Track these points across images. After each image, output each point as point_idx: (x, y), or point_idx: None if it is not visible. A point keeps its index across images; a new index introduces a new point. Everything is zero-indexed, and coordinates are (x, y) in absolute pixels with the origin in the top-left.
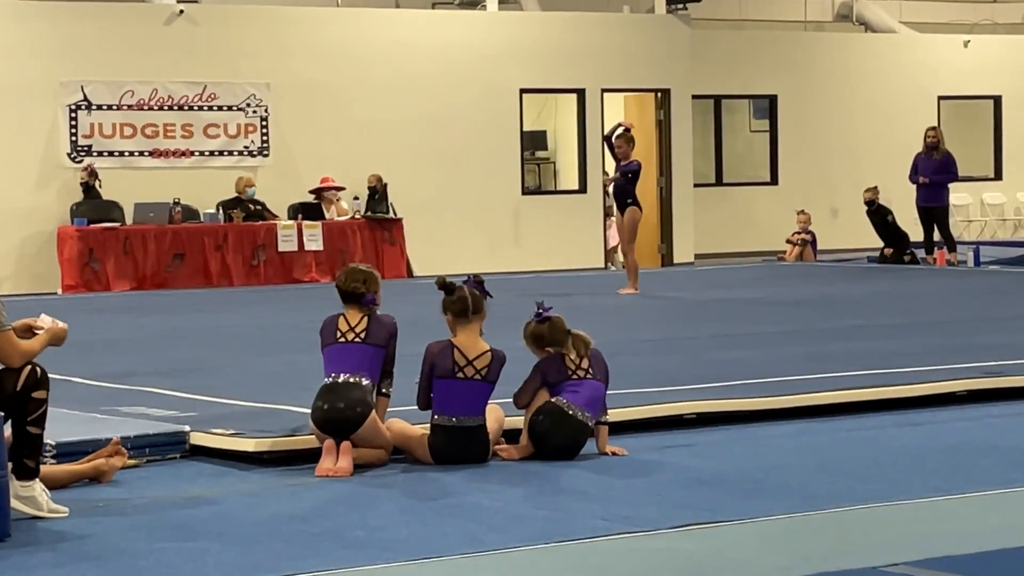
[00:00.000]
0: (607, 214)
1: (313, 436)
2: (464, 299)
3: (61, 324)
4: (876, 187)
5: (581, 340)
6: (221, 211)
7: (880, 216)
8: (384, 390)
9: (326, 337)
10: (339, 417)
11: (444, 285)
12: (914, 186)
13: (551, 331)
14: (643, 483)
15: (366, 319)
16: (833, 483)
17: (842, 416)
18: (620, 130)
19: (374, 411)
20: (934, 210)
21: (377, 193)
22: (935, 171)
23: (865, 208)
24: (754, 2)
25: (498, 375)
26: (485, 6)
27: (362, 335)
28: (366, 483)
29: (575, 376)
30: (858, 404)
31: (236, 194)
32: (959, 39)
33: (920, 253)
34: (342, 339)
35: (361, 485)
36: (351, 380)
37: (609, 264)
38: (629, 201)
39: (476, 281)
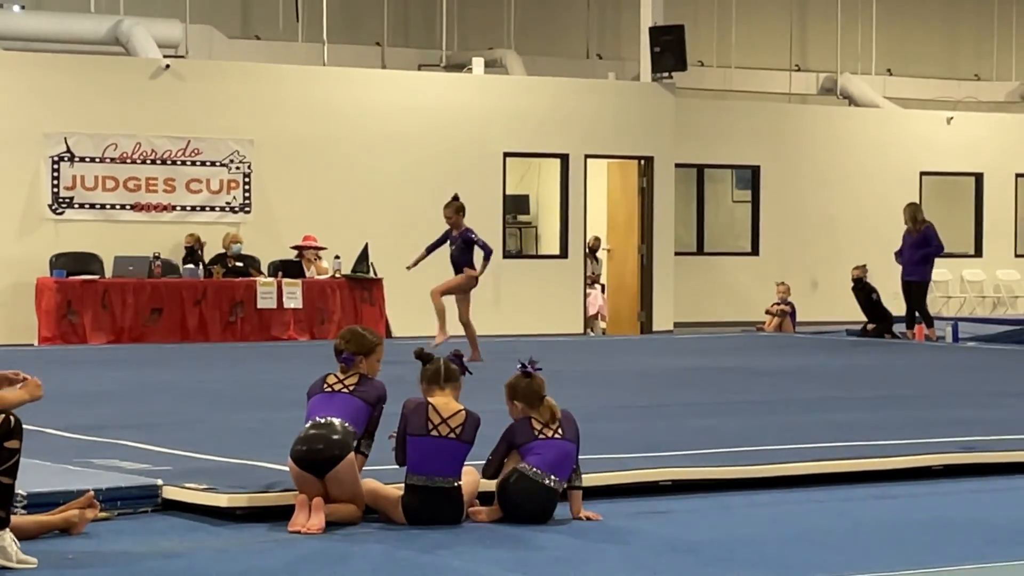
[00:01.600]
0: (591, 281)
1: (285, 493)
2: (438, 369)
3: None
4: (864, 266)
5: (549, 408)
6: (202, 266)
7: (865, 294)
8: (363, 450)
9: (312, 390)
10: (317, 456)
11: (421, 355)
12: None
13: (528, 387)
14: (616, 549)
15: (356, 377)
16: (807, 554)
17: (818, 487)
18: (450, 200)
19: (353, 455)
20: (912, 285)
21: (198, 249)
22: (914, 246)
23: (852, 284)
24: (739, 73)
25: (473, 437)
26: (471, 69)
27: (351, 388)
28: (338, 540)
29: (541, 436)
30: (834, 475)
31: (222, 249)
32: (942, 116)
33: (901, 328)
34: (328, 389)
35: (333, 542)
36: (332, 422)
37: (589, 330)
38: (466, 269)
39: (455, 355)
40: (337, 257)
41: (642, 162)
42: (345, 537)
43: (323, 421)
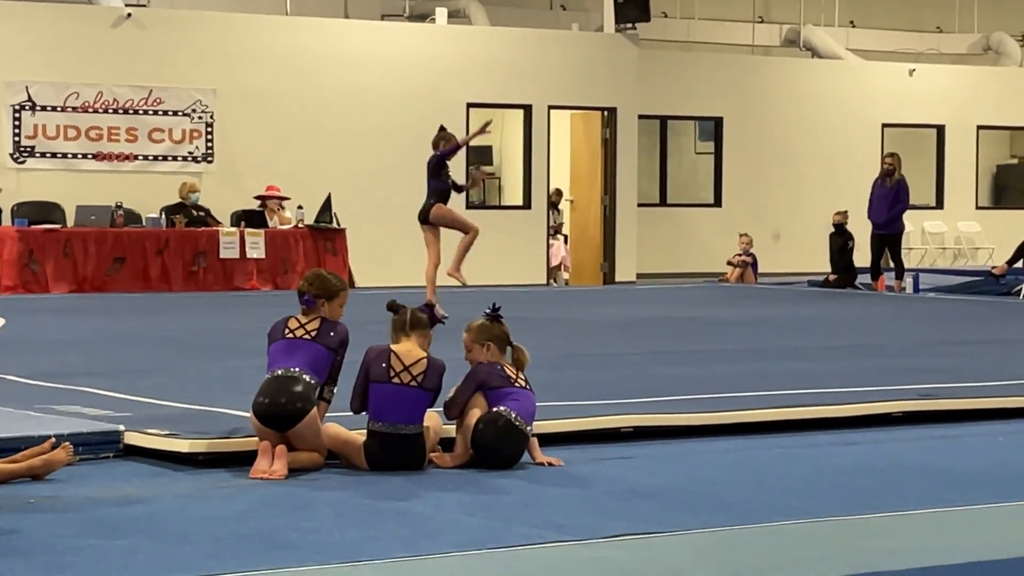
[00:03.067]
0: (553, 232)
1: (247, 439)
2: (404, 319)
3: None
4: (846, 211)
5: (523, 353)
6: (164, 216)
7: (843, 240)
8: (325, 395)
9: (274, 335)
10: (280, 411)
11: (392, 307)
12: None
13: (499, 330)
14: (578, 494)
15: (318, 321)
16: (768, 498)
17: (779, 434)
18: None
19: (315, 409)
20: (887, 237)
21: None
22: (888, 198)
23: (832, 230)
24: (703, 25)
25: (436, 385)
26: (435, 19)
27: (312, 333)
28: (300, 486)
29: (516, 384)
30: (795, 422)
31: (180, 199)
32: (904, 68)
33: (864, 278)
34: (290, 335)
35: (295, 488)
36: (294, 374)
37: (552, 281)
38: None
39: (427, 305)
40: (300, 207)
41: (605, 113)
42: (307, 483)
43: (285, 373)
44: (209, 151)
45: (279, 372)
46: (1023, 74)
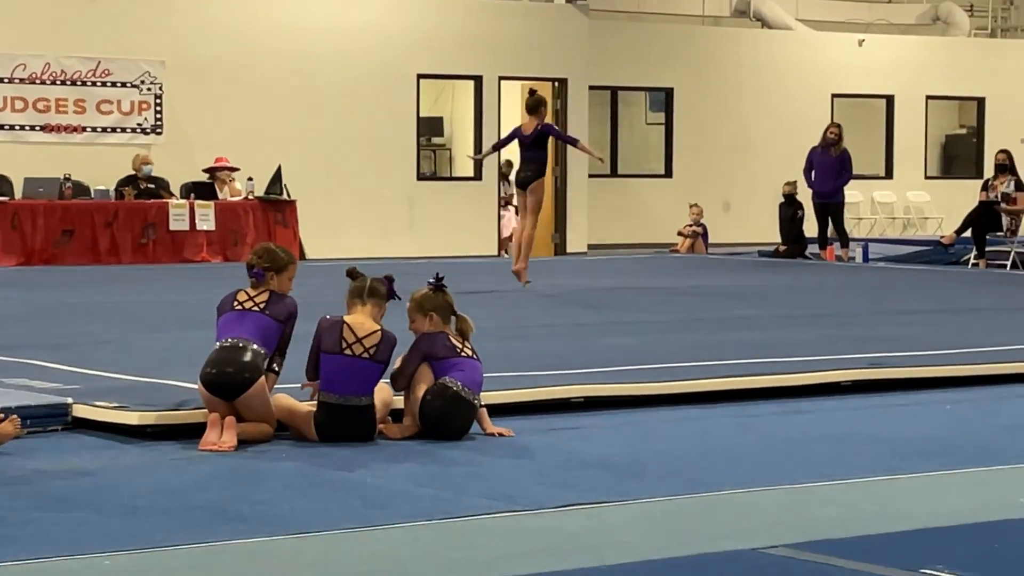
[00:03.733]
0: (504, 202)
1: (197, 411)
2: (362, 286)
3: None
4: (796, 182)
5: (467, 323)
6: (113, 188)
7: (793, 210)
8: (274, 367)
9: (223, 307)
10: (227, 380)
11: (351, 273)
12: (804, 180)
13: (442, 300)
14: (528, 464)
15: (267, 293)
16: (717, 467)
17: (728, 403)
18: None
19: (263, 379)
20: (829, 206)
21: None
22: (832, 168)
23: (781, 200)
24: None
25: (388, 357)
26: None
27: (261, 305)
28: (250, 458)
29: (462, 354)
30: (744, 392)
31: (132, 171)
32: (854, 38)
33: (813, 248)
34: (239, 307)
35: (245, 459)
36: (241, 344)
37: (503, 252)
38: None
39: (386, 278)
40: (250, 179)
41: (556, 84)
42: (257, 454)
43: (233, 343)
44: (158, 123)
45: (227, 342)
46: (972, 44)
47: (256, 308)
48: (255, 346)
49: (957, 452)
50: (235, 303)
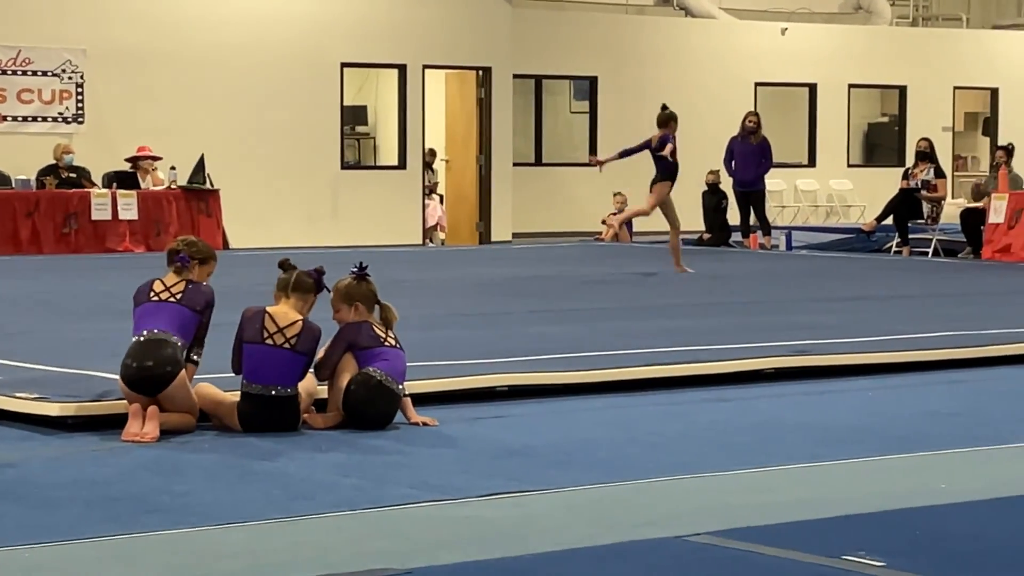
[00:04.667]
0: (428, 191)
1: (118, 402)
2: (289, 279)
3: None
4: (719, 171)
5: (391, 311)
6: (34, 178)
7: (717, 199)
8: (194, 357)
9: (139, 298)
10: (148, 375)
11: (283, 264)
12: (725, 169)
13: (366, 289)
14: (452, 453)
15: (184, 283)
16: (641, 456)
17: (652, 391)
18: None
19: (184, 371)
20: (751, 194)
21: None
22: (752, 156)
23: (705, 189)
24: None
25: (310, 348)
26: None
27: (178, 296)
28: (172, 448)
29: (386, 343)
30: (668, 380)
31: (53, 161)
32: (777, 27)
33: (737, 237)
34: (155, 298)
35: (167, 450)
36: (160, 337)
37: (428, 241)
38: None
39: (316, 271)
40: (173, 168)
41: (480, 73)
42: (180, 445)
43: (151, 336)
44: (80, 112)
45: (145, 335)
46: (894, 33)
47: (173, 299)
48: (174, 338)
49: (879, 439)
50: (151, 294)
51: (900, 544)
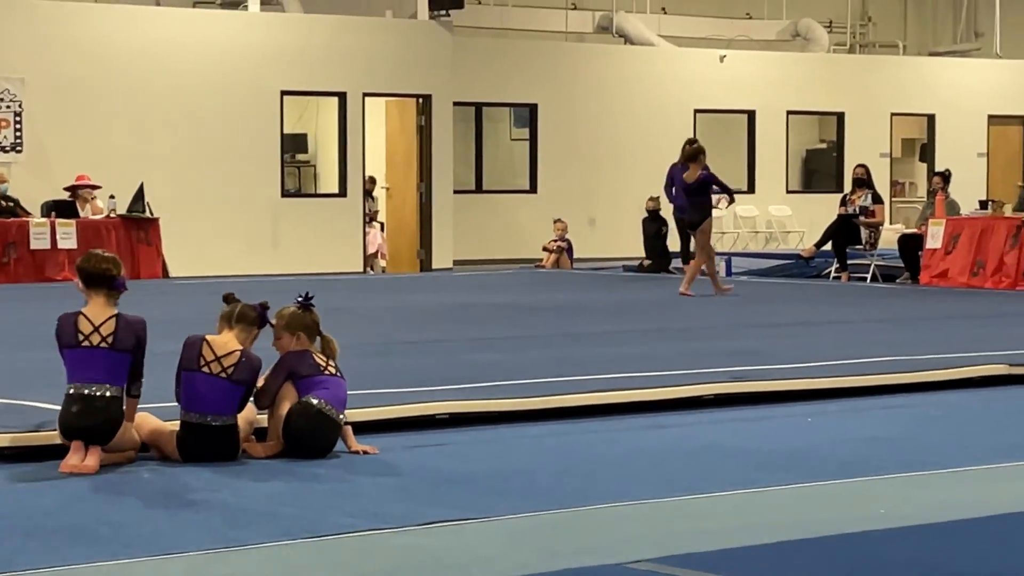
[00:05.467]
0: (369, 219)
1: (55, 432)
2: (232, 311)
3: None
4: (659, 198)
5: (332, 345)
6: None
7: (657, 226)
8: (134, 392)
9: (66, 338)
10: (88, 433)
11: (226, 298)
12: (665, 196)
13: (309, 319)
14: (392, 481)
15: (113, 320)
16: (580, 483)
17: (591, 418)
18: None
19: (125, 421)
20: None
21: None
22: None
23: (646, 215)
24: (516, 11)
25: (248, 378)
26: (247, 6)
27: (109, 339)
28: (112, 479)
29: (327, 372)
30: (607, 407)
31: None
32: (715, 54)
33: (677, 263)
34: (85, 343)
35: (107, 481)
36: (97, 393)
37: (369, 269)
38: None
39: (260, 305)
40: (112, 197)
41: (420, 100)
42: (119, 475)
43: (89, 392)
44: (18, 141)
45: (83, 391)
46: (831, 60)
47: (104, 344)
48: (109, 392)
49: (818, 464)
50: (80, 337)
51: (839, 570)
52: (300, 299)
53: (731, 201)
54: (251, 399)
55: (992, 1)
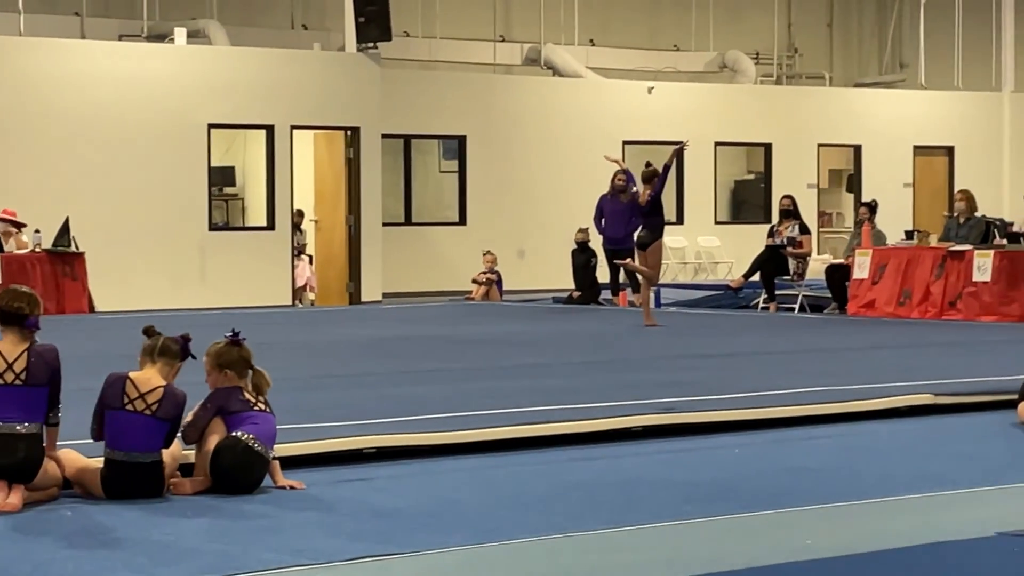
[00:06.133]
0: (297, 252)
1: None
2: (155, 344)
3: None
4: (588, 229)
5: (264, 378)
6: None
7: (586, 258)
8: (52, 421)
9: None
10: (9, 472)
11: (147, 331)
12: (595, 227)
13: (238, 355)
14: (318, 516)
15: (25, 356)
16: (508, 516)
17: (520, 451)
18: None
19: (46, 459)
20: (621, 252)
21: None
22: (622, 214)
23: (575, 247)
24: (444, 44)
25: (173, 415)
26: (173, 39)
27: (23, 376)
28: (35, 517)
29: (255, 408)
30: (537, 439)
31: None
32: (644, 86)
33: (607, 295)
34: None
35: (29, 519)
36: (16, 431)
37: (297, 302)
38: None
39: (183, 338)
40: (37, 231)
41: (348, 133)
42: (41, 513)
43: (6, 430)
44: None
45: (2, 431)
46: (759, 91)
47: (19, 381)
48: (28, 429)
49: (745, 495)
50: None
51: None
52: (229, 335)
53: (680, 149)
54: (178, 434)
55: (917, 32)
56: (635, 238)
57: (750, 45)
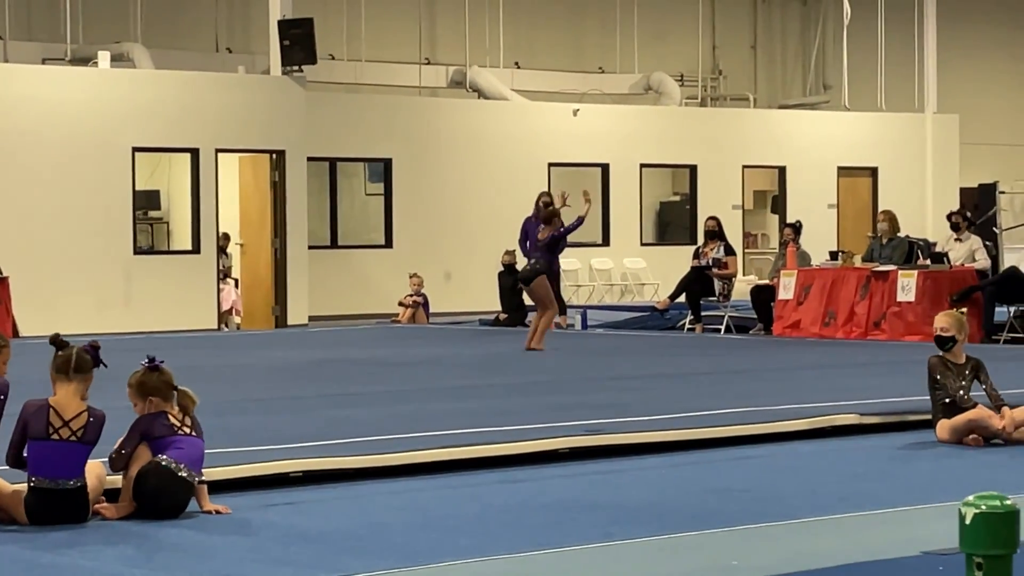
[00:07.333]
0: (223, 275)
1: None
2: (69, 358)
3: None
4: (514, 251)
5: (189, 397)
6: None
7: (512, 278)
8: None
9: None
10: None
11: (56, 341)
12: (520, 249)
13: (159, 380)
14: (244, 541)
15: None
16: (435, 539)
17: (447, 474)
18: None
19: None
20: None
21: None
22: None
23: (501, 269)
24: (370, 67)
25: (97, 436)
26: (97, 63)
27: None
28: None
29: (180, 432)
30: (462, 461)
31: None
32: (569, 108)
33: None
34: None
35: None
36: None
37: (223, 326)
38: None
39: (92, 346)
40: None
41: (274, 156)
42: None
43: None
44: None
45: None
46: (684, 113)
47: None
48: None
49: (671, 516)
50: None
51: None
52: (145, 362)
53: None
54: (105, 460)
55: (840, 54)
56: (523, 272)
57: (675, 67)
